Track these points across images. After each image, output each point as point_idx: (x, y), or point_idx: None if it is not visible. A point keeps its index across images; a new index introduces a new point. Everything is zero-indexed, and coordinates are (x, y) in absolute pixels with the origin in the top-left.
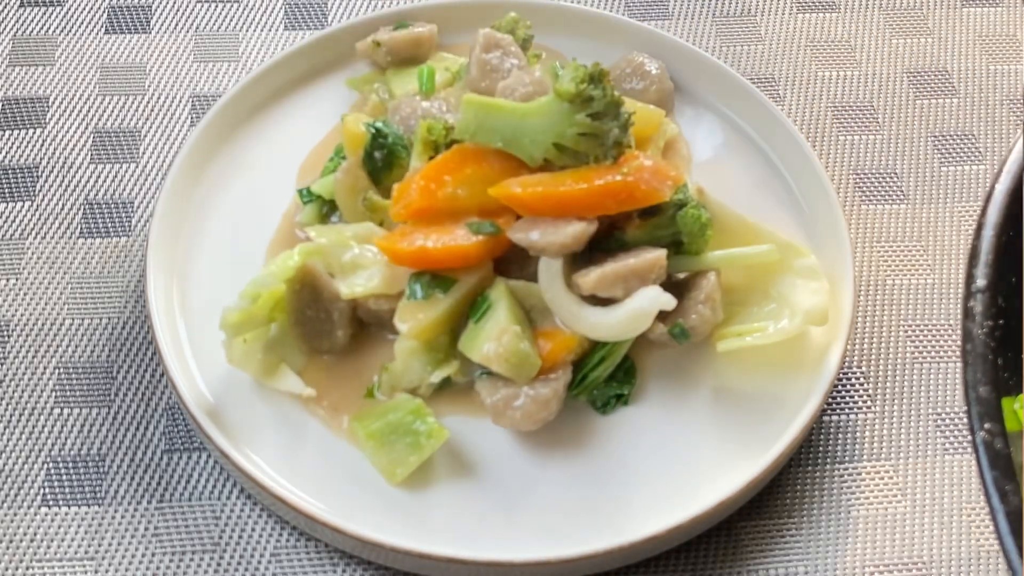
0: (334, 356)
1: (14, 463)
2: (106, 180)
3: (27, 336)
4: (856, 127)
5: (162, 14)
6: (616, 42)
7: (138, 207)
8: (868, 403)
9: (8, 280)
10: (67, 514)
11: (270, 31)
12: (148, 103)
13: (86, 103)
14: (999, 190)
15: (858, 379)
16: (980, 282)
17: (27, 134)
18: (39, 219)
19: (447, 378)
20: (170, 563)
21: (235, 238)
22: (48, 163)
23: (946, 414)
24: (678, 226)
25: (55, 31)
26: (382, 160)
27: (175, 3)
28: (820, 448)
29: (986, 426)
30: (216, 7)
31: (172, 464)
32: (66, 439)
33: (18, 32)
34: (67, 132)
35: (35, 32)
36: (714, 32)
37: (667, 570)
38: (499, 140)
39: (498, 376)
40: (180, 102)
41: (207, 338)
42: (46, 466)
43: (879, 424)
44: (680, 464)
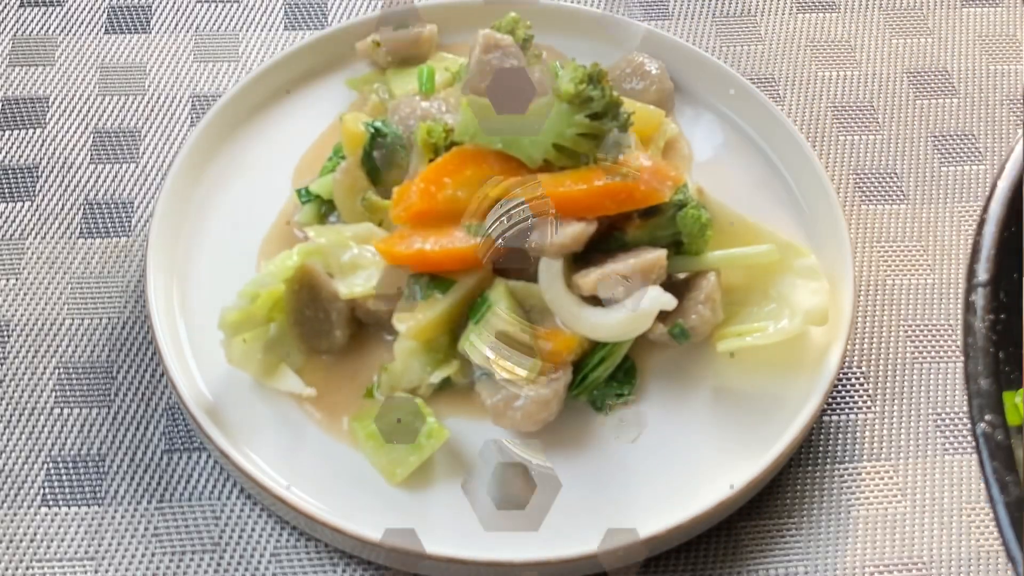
0: (333, 356)
1: (14, 463)
2: (106, 180)
3: (27, 336)
4: (856, 127)
5: (162, 14)
6: (616, 42)
7: (138, 207)
8: (868, 403)
9: (8, 280)
10: (67, 514)
11: (270, 31)
12: (148, 103)
13: (86, 103)
14: (1002, 186)
15: (858, 379)
16: (982, 276)
17: (27, 134)
18: (39, 219)
19: (447, 378)
20: (170, 563)
21: (235, 238)
22: (48, 163)
23: (946, 414)
24: (678, 226)
25: (55, 31)
26: (381, 160)
27: (175, 3)
28: (820, 448)
29: (987, 417)
30: (216, 7)
31: (172, 464)
32: (66, 439)
33: (18, 32)
34: (67, 132)
35: (35, 32)
36: (714, 32)
37: (667, 570)
38: (499, 141)
39: None
40: (180, 102)
41: (207, 338)
42: (46, 466)
43: (879, 424)
44: (680, 464)
